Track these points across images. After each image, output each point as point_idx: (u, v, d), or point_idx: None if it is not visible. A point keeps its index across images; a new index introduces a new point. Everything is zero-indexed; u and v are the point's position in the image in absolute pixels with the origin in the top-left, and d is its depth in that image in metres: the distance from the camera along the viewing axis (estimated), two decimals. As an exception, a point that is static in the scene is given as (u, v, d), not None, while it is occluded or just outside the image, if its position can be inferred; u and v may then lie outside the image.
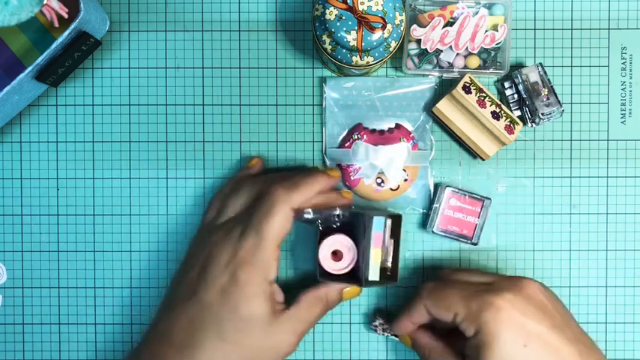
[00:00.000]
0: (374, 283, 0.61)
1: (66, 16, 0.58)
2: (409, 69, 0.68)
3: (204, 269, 0.60)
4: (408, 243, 0.69)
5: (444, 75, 0.68)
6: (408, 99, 0.68)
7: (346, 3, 0.60)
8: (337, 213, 0.62)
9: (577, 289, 0.69)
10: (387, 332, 0.67)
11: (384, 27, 0.61)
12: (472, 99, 0.65)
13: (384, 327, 0.68)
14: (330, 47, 0.62)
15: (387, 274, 0.63)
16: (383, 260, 0.62)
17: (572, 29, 0.69)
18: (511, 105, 0.68)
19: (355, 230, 0.62)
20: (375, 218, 0.61)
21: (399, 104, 0.68)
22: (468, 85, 0.65)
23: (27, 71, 0.60)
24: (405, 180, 0.68)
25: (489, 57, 0.67)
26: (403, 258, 0.69)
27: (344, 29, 0.60)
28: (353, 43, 0.61)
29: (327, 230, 0.63)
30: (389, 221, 0.62)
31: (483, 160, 0.68)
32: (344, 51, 0.62)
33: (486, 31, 0.66)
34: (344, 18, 0.60)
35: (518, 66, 0.69)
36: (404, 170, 0.67)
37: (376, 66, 0.65)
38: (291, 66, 0.69)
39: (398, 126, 0.68)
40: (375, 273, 0.61)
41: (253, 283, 0.58)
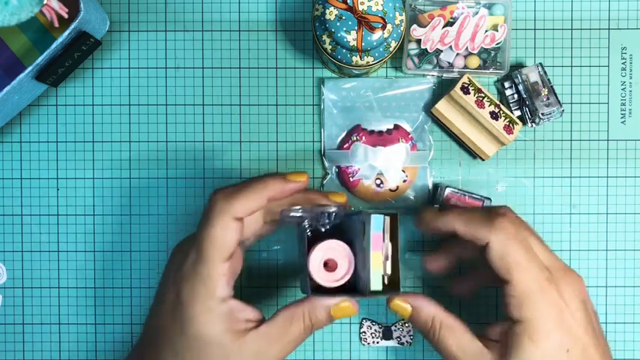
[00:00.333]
0: (376, 294, 0.54)
1: (66, 16, 0.58)
2: (409, 69, 0.68)
3: (158, 288, 0.57)
4: (408, 244, 0.69)
5: (444, 75, 0.68)
6: (407, 99, 0.68)
7: (346, 3, 0.60)
8: (332, 211, 0.55)
9: (577, 289, 0.69)
10: (378, 333, 0.67)
11: (384, 27, 0.61)
12: (471, 99, 0.65)
13: (374, 329, 0.67)
14: (330, 47, 0.62)
15: (388, 282, 0.55)
16: (384, 266, 0.55)
17: (572, 29, 0.69)
18: (511, 105, 0.68)
19: (348, 234, 0.56)
20: (374, 216, 0.54)
21: (398, 105, 0.68)
22: (467, 86, 0.65)
23: (27, 71, 0.60)
24: (404, 181, 0.68)
25: (489, 57, 0.67)
26: (403, 260, 0.69)
27: (344, 29, 0.60)
28: (353, 43, 0.61)
29: (316, 235, 0.55)
30: (387, 219, 0.55)
31: (483, 160, 0.68)
32: (344, 51, 0.62)
33: (486, 31, 0.66)
34: (344, 18, 0.60)
35: (518, 66, 0.69)
36: (403, 171, 0.67)
37: (376, 66, 0.65)
38: (291, 66, 0.69)
39: (396, 127, 0.68)
40: (378, 281, 0.54)
41: (197, 301, 0.53)
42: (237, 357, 0.53)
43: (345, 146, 0.68)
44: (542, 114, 0.66)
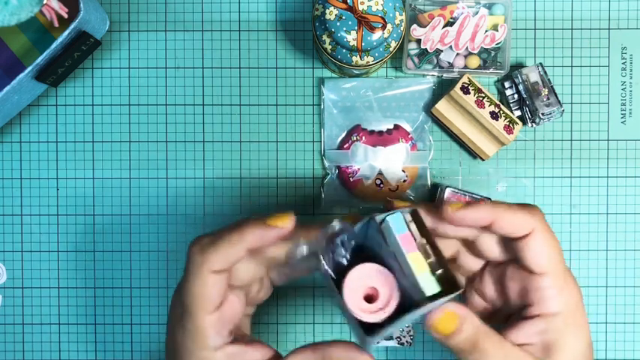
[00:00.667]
0: (435, 299, 0.45)
1: (66, 16, 0.58)
2: (409, 69, 0.68)
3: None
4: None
5: (444, 75, 0.68)
6: (407, 99, 0.68)
7: (346, 3, 0.60)
8: (337, 227, 0.47)
9: (577, 290, 0.69)
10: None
11: (384, 27, 0.61)
12: (470, 99, 0.65)
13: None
14: (330, 47, 0.62)
15: (445, 281, 0.46)
16: (431, 265, 0.47)
17: (572, 29, 0.69)
18: (511, 105, 0.68)
19: (374, 250, 0.48)
20: (389, 218, 0.47)
21: (398, 105, 0.68)
22: (467, 86, 0.65)
23: (27, 71, 0.60)
24: (404, 181, 0.68)
25: (489, 57, 0.67)
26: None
27: (344, 29, 0.60)
28: (353, 43, 0.61)
29: (340, 271, 0.47)
30: (408, 216, 0.48)
31: (483, 160, 0.68)
32: (344, 51, 0.62)
33: (486, 31, 0.66)
34: (344, 18, 0.60)
35: (518, 66, 0.69)
36: (403, 171, 0.67)
37: (376, 66, 0.65)
38: (291, 66, 0.69)
39: (396, 127, 0.68)
40: (431, 283, 0.46)
41: (192, 354, 0.50)
42: None
43: (345, 146, 0.68)
44: (542, 114, 0.66)
